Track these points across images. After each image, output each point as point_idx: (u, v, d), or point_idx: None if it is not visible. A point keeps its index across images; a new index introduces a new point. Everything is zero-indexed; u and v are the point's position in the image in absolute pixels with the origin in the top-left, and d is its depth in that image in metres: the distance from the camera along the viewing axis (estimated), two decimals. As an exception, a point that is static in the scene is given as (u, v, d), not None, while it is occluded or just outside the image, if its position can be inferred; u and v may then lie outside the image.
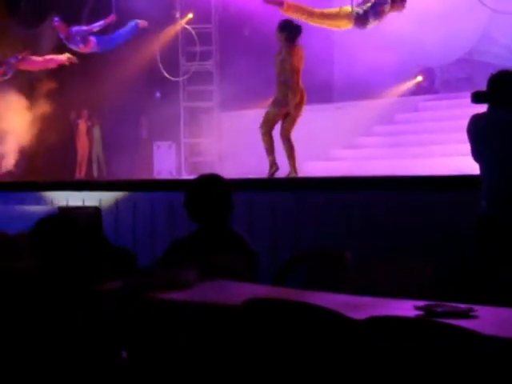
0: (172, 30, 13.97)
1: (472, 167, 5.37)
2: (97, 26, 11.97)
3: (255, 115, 12.98)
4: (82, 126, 14.24)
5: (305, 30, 9.28)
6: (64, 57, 12.55)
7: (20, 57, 12.61)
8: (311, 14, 9.60)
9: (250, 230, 6.78)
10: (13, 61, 12.66)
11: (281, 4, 9.60)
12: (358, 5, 9.34)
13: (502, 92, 5.07)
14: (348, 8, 9.35)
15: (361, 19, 9.37)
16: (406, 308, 3.09)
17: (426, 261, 4.66)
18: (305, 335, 3.00)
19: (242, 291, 3.54)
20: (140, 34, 12.64)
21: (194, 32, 13.70)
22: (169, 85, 13.91)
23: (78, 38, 11.91)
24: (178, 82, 14.03)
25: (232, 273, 3.92)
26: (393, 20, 10.18)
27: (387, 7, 9.30)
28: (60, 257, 3.62)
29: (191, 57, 14.05)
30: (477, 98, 5.15)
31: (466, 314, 3.01)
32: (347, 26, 9.52)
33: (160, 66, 13.35)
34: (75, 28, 11.90)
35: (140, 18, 12.43)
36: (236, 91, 13.27)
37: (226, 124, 14.34)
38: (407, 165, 9.96)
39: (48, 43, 13.06)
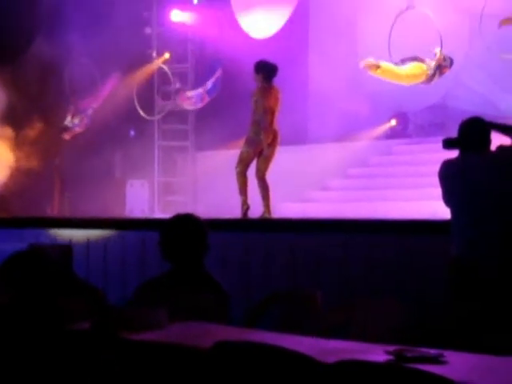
0: (148, 69, 14.03)
1: (445, 211, 5.40)
2: (210, 83, 12.26)
3: (230, 155, 13.03)
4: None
5: (280, 71, 9.37)
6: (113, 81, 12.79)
7: (95, 106, 12.75)
8: (399, 77, 10.58)
9: (222, 269, 6.75)
10: (90, 112, 12.81)
11: (377, 67, 10.35)
12: (423, 61, 10.44)
13: (471, 138, 5.18)
14: (423, 66, 10.39)
15: (431, 78, 10.44)
16: (377, 352, 3.08)
17: (398, 303, 4.66)
18: (274, 379, 2.98)
19: (212, 333, 3.52)
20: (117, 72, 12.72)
21: (169, 71, 13.77)
22: (144, 123, 13.94)
23: (194, 100, 12.31)
24: (153, 120, 14.05)
25: (203, 314, 3.89)
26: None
27: (447, 69, 10.45)
28: (30, 294, 3.58)
29: (167, 96, 14.10)
30: (448, 144, 5.25)
31: (435, 360, 3.00)
32: (420, 81, 10.60)
33: (136, 104, 13.39)
34: (195, 93, 12.18)
35: (117, 57, 12.51)
36: (211, 131, 13.31)
37: (200, 163, 14.35)
38: (381, 208, 10.00)
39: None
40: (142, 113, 13.41)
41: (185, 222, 4.33)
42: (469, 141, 5.17)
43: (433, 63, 10.36)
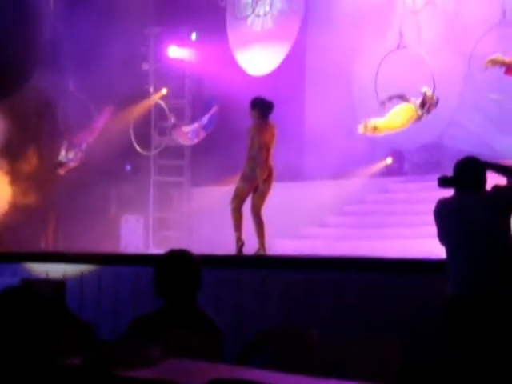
0: (145, 105, 14.08)
1: (441, 250, 5.38)
2: (205, 119, 12.33)
3: (226, 191, 13.03)
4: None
5: (277, 108, 9.41)
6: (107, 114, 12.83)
7: (90, 140, 12.78)
8: (395, 128, 10.78)
9: (215, 306, 6.71)
10: (84, 146, 12.84)
11: (374, 129, 10.61)
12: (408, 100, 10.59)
13: (467, 177, 5.22)
14: (411, 107, 10.61)
15: (420, 118, 10.67)
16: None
17: (393, 343, 4.62)
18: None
19: (206, 371, 3.47)
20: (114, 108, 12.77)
21: (166, 107, 13.82)
22: (140, 158, 13.95)
23: (190, 135, 12.38)
24: (149, 155, 14.07)
25: (196, 351, 3.85)
26: (363, 101, 10.38)
27: (433, 107, 10.61)
28: (21, 330, 3.53)
29: (163, 131, 14.13)
30: (443, 182, 5.27)
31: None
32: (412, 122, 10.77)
33: (132, 139, 13.41)
34: (191, 128, 12.24)
35: (115, 92, 12.57)
36: (207, 167, 13.32)
37: (195, 199, 14.34)
38: (377, 246, 9.98)
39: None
40: (138, 148, 13.43)
41: (178, 259, 4.29)
42: (464, 180, 5.21)
43: (418, 102, 10.42)
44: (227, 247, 9.24)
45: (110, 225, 13.85)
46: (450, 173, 5.35)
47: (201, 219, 13.59)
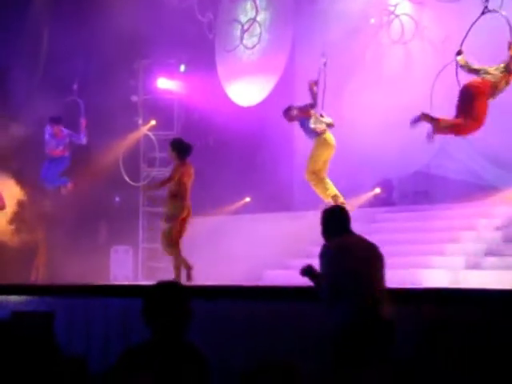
0: (134, 136, 14.12)
1: (429, 279, 5.43)
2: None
3: (215, 222, 13.07)
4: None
5: (267, 138, 9.49)
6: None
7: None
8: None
9: (205, 338, 6.69)
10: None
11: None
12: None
13: (330, 226, 5.81)
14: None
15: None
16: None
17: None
18: None
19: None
20: (103, 139, 12.79)
21: (154, 138, 13.87)
22: (129, 189, 13.95)
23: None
24: (138, 186, 14.08)
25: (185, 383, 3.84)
26: (353, 131, 10.45)
27: None
28: (10, 363, 3.53)
29: (152, 162, 14.16)
30: (306, 273, 5.75)
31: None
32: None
33: (122, 170, 13.43)
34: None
35: (105, 124, 12.62)
36: (197, 197, 13.34)
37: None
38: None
39: None
40: (127, 179, 13.44)
41: (167, 290, 4.29)
42: (329, 228, 5.78)
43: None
44: (218, 277, 9.25)
45: (99, 256, 13.82)
46: (437, 202, 5.44)
47: (191, 249, 13.59)
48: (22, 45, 13.43)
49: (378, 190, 12.75)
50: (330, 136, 10.16)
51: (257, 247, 9.04)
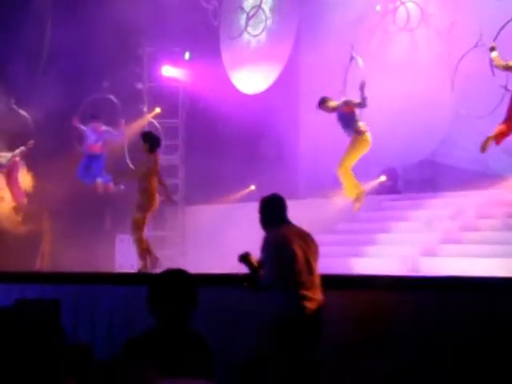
0: (139, 124, 14.09)
1: (431, 266, 5.41)
2: None
3: (220, 210, 13.07)
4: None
5: (271, 127, 9.46)
6: None
7: None
8: None
9: (209, 325, 6.68)
10: None
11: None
12: None
13: (268, 215, 6.10)
14: None
15: None
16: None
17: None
18: None
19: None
20: (108, 126, 12.77)
21: (160, 126, 13.85)
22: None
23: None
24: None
25: (190, 371, 3.83)
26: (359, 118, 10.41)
27: None
28: (14, 351, 3.52)
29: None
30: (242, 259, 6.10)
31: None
32: None
33: (127, 158, 13.41)
34: None
35: (110, 111, 12.60)
36: (201, 185, 13.34)
37: (190, 218, 14.33)
38: (369, 263, 9.98)
39: None
40: (132, 167, 13.41)
41: (173, 278, 4.28)
42: (269, 217, 6.05)
43: None
44: (222, 266, 9.24)
45: (104, 244, 13.83)
46: (443, 190, 5.40)
47: (195, 238, 13.60)
48: (24, 35, 13.40)
49: (383, 178, 12.72)
50: (369, 135, 10.27)
51: (261, 235, 8.99)
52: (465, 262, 9.17)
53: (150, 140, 10.14)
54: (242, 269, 8.76)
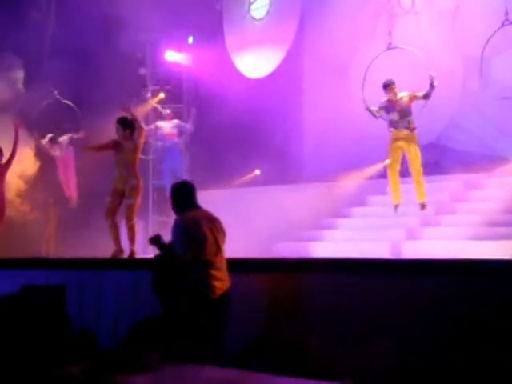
0: (143, 109, 14.06)
1: (439, 251, 5.39)
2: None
3: (225, 194, 13.05)
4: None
5: (276, 111, 9.42)
6: None
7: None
8: None
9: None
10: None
11: None
12: None
13: (179, 200, 6.49)
14: None
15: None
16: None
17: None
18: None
19: (203, 376, 3.46)
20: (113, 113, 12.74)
21: (163, 111, 13.82)
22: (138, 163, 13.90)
23: None
24: (147, 159, 14.04)
25: (194, 356, 3.84)
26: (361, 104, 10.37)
27: None
28: (20, 337, 3.53)
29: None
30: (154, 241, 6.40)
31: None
32: None
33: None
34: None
35: (112, 98, 12.55)
36: (206, 170, 13.32)
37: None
38: (377, 247, 9.97)
39: None
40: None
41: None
42: (180, 202, 6.44)
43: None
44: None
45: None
46: (448, 173, 5.37)
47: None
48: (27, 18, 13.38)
49: (387, 162, 12.67)
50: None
51: (268, 219, 9.01)
52: (472, 244, 9.16)
53: (129, 126, 9.93)
54: (248, 253, 8.79)
